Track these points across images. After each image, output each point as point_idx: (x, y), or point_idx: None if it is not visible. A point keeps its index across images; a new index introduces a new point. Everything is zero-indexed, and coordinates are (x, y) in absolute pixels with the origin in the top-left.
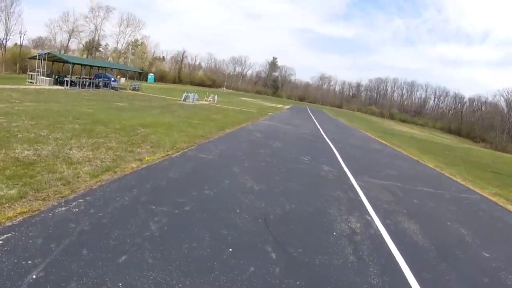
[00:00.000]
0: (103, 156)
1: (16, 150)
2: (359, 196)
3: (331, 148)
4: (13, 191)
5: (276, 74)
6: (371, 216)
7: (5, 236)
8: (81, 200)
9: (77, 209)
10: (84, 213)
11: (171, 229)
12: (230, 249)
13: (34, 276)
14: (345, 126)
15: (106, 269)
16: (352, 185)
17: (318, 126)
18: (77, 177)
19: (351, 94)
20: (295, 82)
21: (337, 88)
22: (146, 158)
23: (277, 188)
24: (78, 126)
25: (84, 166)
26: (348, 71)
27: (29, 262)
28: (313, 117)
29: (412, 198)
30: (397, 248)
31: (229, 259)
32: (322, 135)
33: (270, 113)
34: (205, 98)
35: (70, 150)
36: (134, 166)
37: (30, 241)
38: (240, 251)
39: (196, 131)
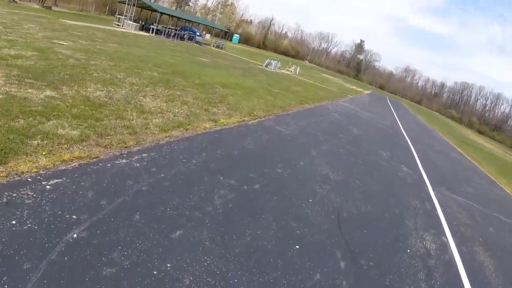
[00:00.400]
0: (177, 110)
1: (89, 89)
2: (436, 210)
3: (409, 147)
4: (75, 132)
5: (360, 57)
6: (447, 238)
7: (55, 181)
8: (145, 155)
9: (138, 164)
10: (145, 170)
11: (236, 209)
12: (297, 246)
13: (74, 236)
14: (424, 125)
15: (156, 243)
16: (430, 195)
17: (398, 120)
18: (146, 128)
19: (433, 92)
20: (378, 69)
21: (420, 84)
22: (222, 120)
23: (354, 182)
24: (156, 74)
25: (155, 117)
26: (434, 68)
27: (74, 217)
28: (392, 108)
29: (489, 226)
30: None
31: (294, 259)
32: (401, 130)
33: (350, 96)
34: (287, 68)
35: (143, 97)
36: (208, 126)
37: (80, 192)
38: (308, 252)
39: (275, 101)
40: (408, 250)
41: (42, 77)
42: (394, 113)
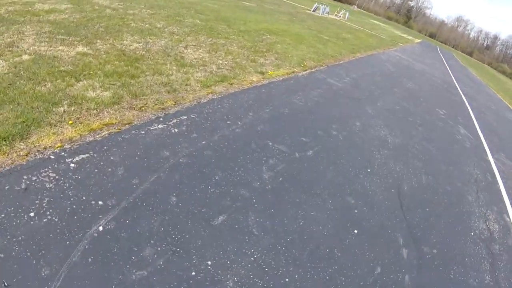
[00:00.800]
0: (221, 62)
1: (125, 42)
2: (497, 183)
3: (465, 104)
4: (107, 93)
5: (411, 3)
6: (510, 218)
7: (81, 157)
8: (184, 118)
9: (176, 130)
10: (184, 137)
11: (287, 183)
12: (356, 231)
13: (100, 228)
14: (477, 80)
15: (195, 233)
16: (490, 164)
17: (450, 73)
18: (186, 85)
19: (485, 44)
20: (429, 17)
21: (471, 35)
22: (270, 72)
23: (413, 147)
24: (199, 21)
25: (196, 71)
26: (487, 19)
27: (100, 203)
28: (443, 59)
29: None
30: None
31: (353, 247)
32: (455, 85)
33: (401, 44)
34: (335, 13)
35: (184, 48)
36: (254, 80)
37: (109, 170)
38: (368, 238)
39: (325, 49)
40: (472, 233)
41: (75, 32)
42: (446, 65)
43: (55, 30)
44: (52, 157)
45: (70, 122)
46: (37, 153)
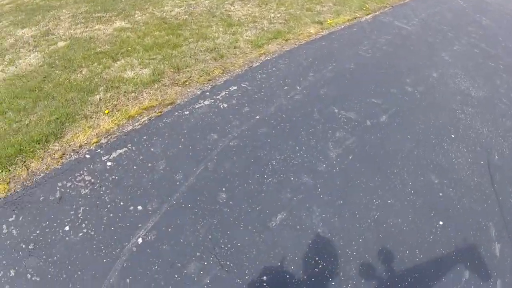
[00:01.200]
0: (273, 15)
1: (165, 8)
2: None
3: None
4: (146, 70)
5: None
6: None
7: (118, 153)
8: (234, 88)
9: (225, 105)
10: (234, 113)
11: (358, 162)
12: (441, 222)
13: (139, 241)
14: None
15: (248, 240)
16: None
17: None
18: (234, 48)
19: None
20: None
21: None
22: (328, 21)
23: (500, 100)
24: None
25: (245, 30)
26: None
27: (139, 208)
28: None
29: None
30: None
31: (437, 245)
32: None
33: None
34: None
35: (231, 5)
36: (312, 31)
37: (149, 165)
38: (454, 230)
39: None
40: None
41: (112, 7)
42: None
43: (92, 8)
44: (87, 156)
45: (106, 111)
46: (72, 153)
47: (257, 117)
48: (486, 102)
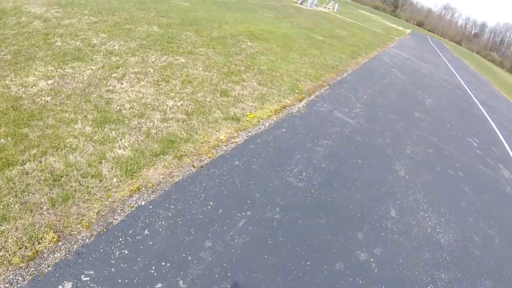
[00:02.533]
0: (171, 104)
1: (29, 79)
2: None
3: (489, 122)
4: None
5: None
6: None
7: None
8: None
9: None
10: None
11: None
12: None
13: None
14: (477, 76)
15: None
16: None
17: (453, 70)
18: (92, 176)
19: (473, 32)
20: (416, 5)
21: (459, 23)
22: (249, 115)
23: (473, 240)
24: (156, 29)
25: (123, 134)
26: (475, 6)
27: None
28: (440, 52)
29: None
30: None
31: None
32: (465, 88)
33: (396, 38)
34: (324, 5)
35: (118, 81)
36: (223, 138)
37: None
38: None
39: (322, 56)
40: None
41: None
42: (445, 59)
43: None
44: None
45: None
46: None
47: None
48: (457, 252)
